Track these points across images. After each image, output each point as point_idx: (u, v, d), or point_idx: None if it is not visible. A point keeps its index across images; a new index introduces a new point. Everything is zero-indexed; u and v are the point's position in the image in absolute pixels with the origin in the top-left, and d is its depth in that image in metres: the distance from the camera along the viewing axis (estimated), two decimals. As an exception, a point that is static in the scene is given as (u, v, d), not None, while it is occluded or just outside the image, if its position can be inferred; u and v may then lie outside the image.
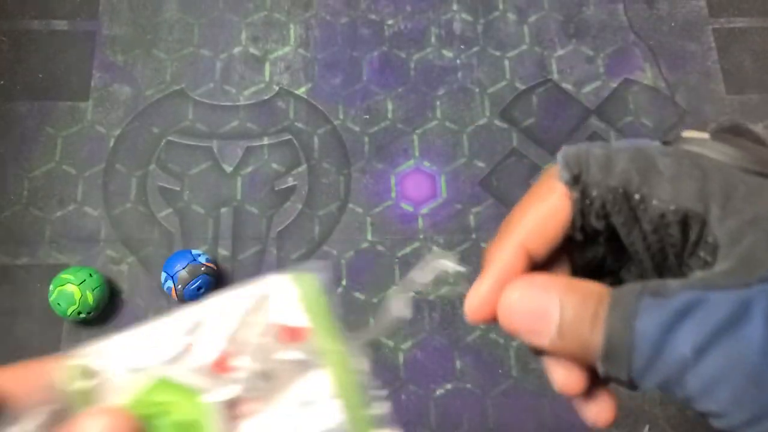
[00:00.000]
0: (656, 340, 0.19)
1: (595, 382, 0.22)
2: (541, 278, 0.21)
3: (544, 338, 0.20)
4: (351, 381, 0.22)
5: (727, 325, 0.19)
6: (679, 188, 0.21)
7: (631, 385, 0.20)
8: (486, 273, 0.22)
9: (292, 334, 0.22)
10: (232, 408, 0.21)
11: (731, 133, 0.22)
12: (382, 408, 0.21)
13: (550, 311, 0.20)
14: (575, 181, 0.22)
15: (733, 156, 0.21)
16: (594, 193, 0.22)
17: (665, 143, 0.22)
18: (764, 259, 0.19)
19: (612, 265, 0.25)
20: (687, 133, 0.22)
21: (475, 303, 0.22)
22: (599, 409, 0.22)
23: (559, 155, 0.22)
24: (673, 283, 0.20)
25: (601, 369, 0.20)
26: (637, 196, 0.21)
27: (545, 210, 0.22)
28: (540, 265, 0.23)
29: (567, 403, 0.27)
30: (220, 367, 0.21)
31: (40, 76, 0.70)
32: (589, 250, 0.24)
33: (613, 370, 0.20)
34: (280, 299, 0.22)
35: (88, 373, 0.21)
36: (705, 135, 0.22)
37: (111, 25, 0.72)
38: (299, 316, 0.22)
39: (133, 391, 0.21)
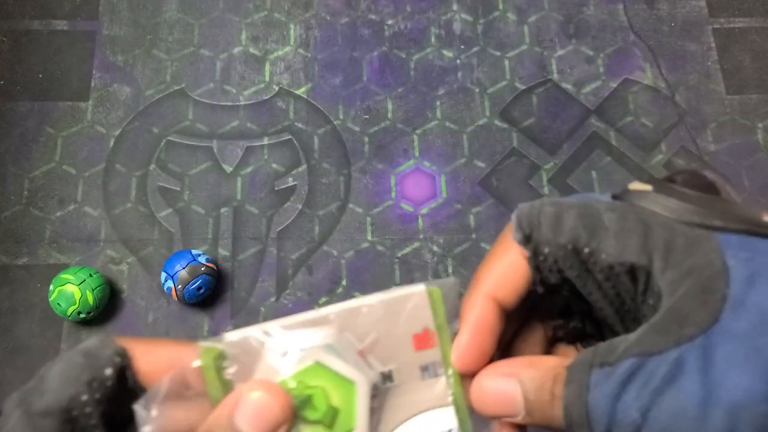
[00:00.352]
0: (608, 410, 0.21)
1: None
2: (503, 366, 0.24)
3: (516, 418, 0.23)
4: (460, 391, 0.24)
5: (665, 384, 0.20)
6: (624, 243, 0.23)
7: None
8: (463, 326, 0.25)
9: (423, 341, 0.25)
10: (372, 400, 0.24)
11: (684, 179, 0.23)
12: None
13: (515, 396, 0.23)
14: (527, 240, 0.24)
15: (673, 209, 0.23)
16: (546, 250, 0.24)
17: (614, 197, 0.24)
18: (692, 315, 0.21)
19: (582, 309, 0.27)
20: (633, 186, 0.24)
21: (460, 355, 0.24)
22: None
23: (513, 215, 0.24)
24: (619, 346, 0.22)
25: None
26: (586, 250, 0.23)
27: (506, 265, 0.25)
28: (513, 311, 0.25)
29: None
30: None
31: (41, 76, 0.70)
32: (557, 298, 0.26)
33: None
34: (418, 307, 0.25)
35: (226, 358, 0.23)
36: (649, 188, 0.24)
37: (111, 26, 0.72)
38: (432, 325, 0.25)
39: (287, 372, 0.23)
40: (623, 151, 0.68)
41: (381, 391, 0.24)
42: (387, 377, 0.25)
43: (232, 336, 0.23)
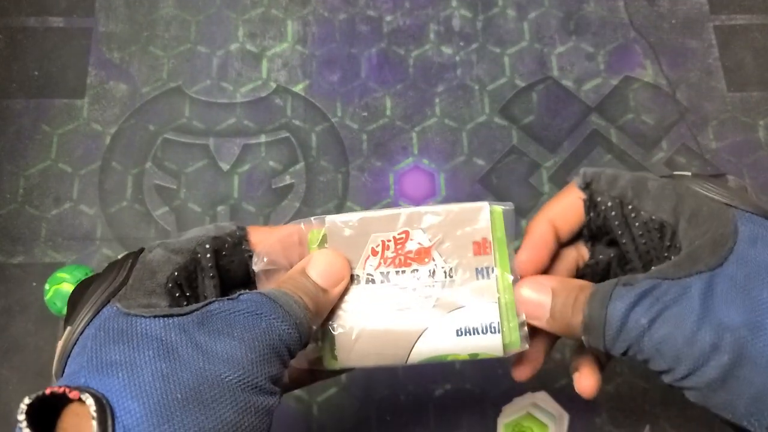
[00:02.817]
0: (623, 315, 0.26)
1: (593, 362, 0.32)
2: (541, 278, 0.30)
3: (541, 320, 0.29)
4: (509, 296, 0.31)
5: (673, 301, 0.26)
6: (659, 205, 0.29)
7: (607, 352, 0.27)
8: (527, 241, 0.31)
9: (481, 248, 0.31)
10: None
11: (711, 176, 0.30)
12: (525, 330, 0.31)
13: (545, 301, 0.29)
14: (587, 186, 0.31)
15: (703, 187, 0.29)
16: (599, 198, 0.30)
17: (662, 177, 0.31)
18: (703, 258, 0.27)
19: (616, 270, 0.33)
20: (677, 172, 0.31)
21: (522, 264, 0.31)
22: (587, 382, 0.31)
23: (581, 170, 0.31)
24: (640, 275, 0.27)
25: (584, 340, 0.28)
26: (630, 206, 0.30)
27: (566, 203, 0.31)
28: (564, 244, 0.32)
29: (566, 403, 0.32)
30: (425, 253, 0.31)
31: (36, 73, 0.69)
32: (597, 252, 0.32)
33: (592, 340, 0.27)
34: (482, 219, 0.31)
35: (326, 241, 0.32)
36: (688, 173, 0.30)
37: (107, 22, 0.72)
38: (489, 236, 0.31)
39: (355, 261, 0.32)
40: (624, 149, 0.67)
41: (434, 281, 0.31)
42: (446, 273, 0.31)
43: (329, 218, 0.32)
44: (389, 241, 0.31)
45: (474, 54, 0.71)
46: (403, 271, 0.31)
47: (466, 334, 0.31)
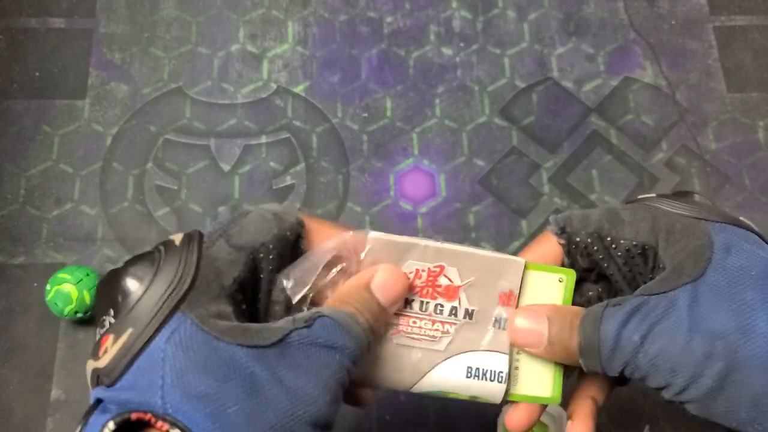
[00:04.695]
0: (615, 334, 0.27)
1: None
2: (536, 306, 0.31)
3: (539, 348, 0.30)
4: (507, 343, 0.32)
5: (662, 315, 0.26)
6: (637, 228, 0.30)
7: (605, 373, 0.28)
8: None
9: (507, 300, 0.33)
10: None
11: (676, 194, 0.31)
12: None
13: (542, 329, 0.30)
14: (562, 231, 0.32)
15: (672, 206, 0.30)
16: (577, 238, 0.31)
17: (627, 203, 0.32)
18: (687, 270, 0.27)
19: (600, 287, 0.34)
20: (641, 196, 0.32)
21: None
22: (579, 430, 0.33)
23: (551, 219, 0.32)
24: (628, 296, 0.28)
25: (582, 363, 0.29)
26: (608, 238, 0.30)
27: (544, 251, 0.32)
28: None
29: (566, 404, 0.32)
30: (454, 291, 0.32)
31: (37, 74, 0.69)
32: (585, 290, 0.33)
33: (589, 362, 0.28)
34: (514, 274, 0.32)
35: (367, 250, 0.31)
36: (653, 195, 0.31)
37: (108, 23, 0.72)
38: (517, 291, 0.32)
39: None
40: (624, 150, 0.67)
41: (453, 320, 0.32)
42: (468, 314, 0.32)
43: (373, 234, 0.31)
44: (423, 271, 0.32)
45: (474, 55, 0.71)
46: (428, 303, 0.32)
47: (474, 378, 0.32)
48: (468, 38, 0.72)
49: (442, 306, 0.32)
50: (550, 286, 0.32)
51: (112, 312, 0.26)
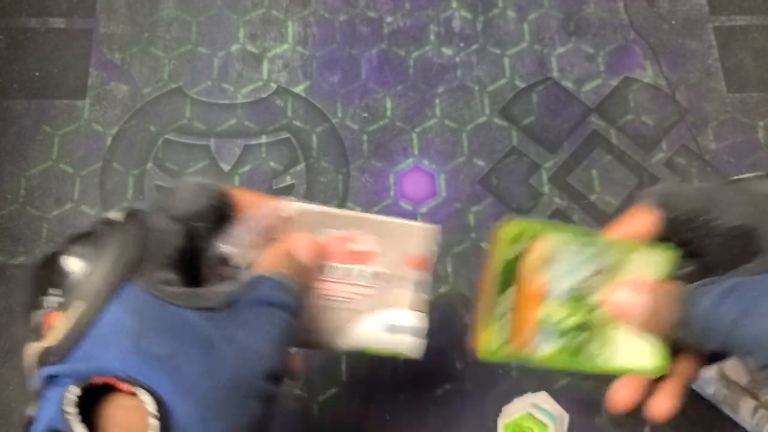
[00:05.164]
0: (708, 313, 0.28)
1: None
2: (637, 281, 0.32)
3: (638, 320, 0.31)
4: (424, 302, 0.36)
5: (757, 297, 0.27)
6: (737, 209, 0.30)
7: (700, 347, 0.30)
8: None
9: (420, 263, 0.36)
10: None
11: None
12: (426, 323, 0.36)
13: (642, 302, 0.31)
14: (661, 206, 0.32)
15: None
16: (676, 215, 0.32)
17: (725, 183, 0.32)
18: None
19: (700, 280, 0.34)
20: (739, 176, 0.32)
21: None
22: (662, 404, 0.36)
23: (646, 192, 0.33)
24: (725, 274, 0.29)
25: (678, 338, 0.30)
26: (708, 217, 0.31)
27: (636, 225, 0.33)
28: None
29: (566, 403, 0.33)
30: (364, 256, 0.35)
31: (37, 74, 0.69)
32: (679, 266, 0.34)
33: (686, 336, 0.29)
34: (421, 237, 0.36)
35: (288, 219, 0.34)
36: (752, 174, 0.32)
37: (108, 23, 0.72)
38: (427, 254, 0.36)
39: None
40: (624, 150, 0.67)
41: (367, 282, 0.35)
42: (384, 277, 0.35)
43: (295, 205, 0.34)
44: (341, 237, 0.35)
45: (474, 55, 0.71)
46: (347, 267, 0.35)
47: (394, 333, 0.35)
48: (468, 38, 0.72)
49: (360, 270, 0.35)
50: (650, 262, 0.33)
51: (55, 292, 0.27)
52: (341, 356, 0.59)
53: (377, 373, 0.59)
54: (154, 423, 0.22)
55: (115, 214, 0.29)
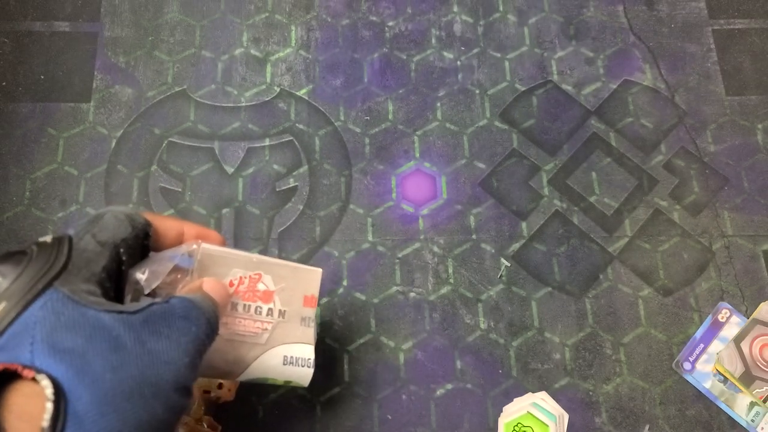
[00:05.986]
0: None
1: None
2: None
3: None
4: (314, 336, 0.42)
5: None
6: None
7: None
8: None
9: (309, 302, 0.41)
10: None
11: None
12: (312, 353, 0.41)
13: None
14: None
15: None
16: None
17: None
18: None
19: None
20: None
21: None
22: None
23: None
24: None
25: None
26: None
27: None
28: None
29: (566, 403, 0.32)
30: (270, 295, 0.39)
31: (42, 77, 0.70)
32: None
33: None
34: (315, 281, 0.42)
35: (206, 257, 0.37)
36: None
37: (113, 27, 0.72)
38: (317, 294, 0.42)
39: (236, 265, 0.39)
40: (623, 152, 0.68)
41: (269, 319, 0.39)
42: (282, 314, 0.40)
43: (205, 247, 0.37)
44: (246, 278, 0.38)
45: (475, 59, 0.72)
46: (250, 305, 0.38)
47: (289, 365, 0.39)
48: (469, 42, 0.72)
49: (260, 307, 0.39)
50: None
51: None
52: (343, 356, 0.60)
53: (379, 373, 0.60)
54: (50, 407, 0.24)
55: (44, 238, 0.31)
